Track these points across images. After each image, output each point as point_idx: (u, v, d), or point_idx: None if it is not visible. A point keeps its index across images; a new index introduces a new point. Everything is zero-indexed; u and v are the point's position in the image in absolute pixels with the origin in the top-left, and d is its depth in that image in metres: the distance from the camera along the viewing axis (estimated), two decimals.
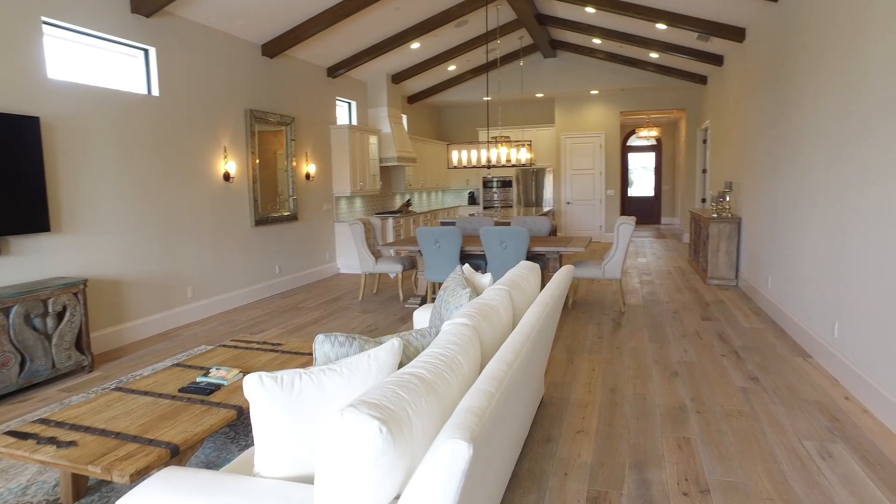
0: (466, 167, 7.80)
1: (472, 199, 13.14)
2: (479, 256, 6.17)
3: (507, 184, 12.35)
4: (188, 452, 2.21)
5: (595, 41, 9.27)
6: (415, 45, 8.44)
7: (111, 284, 4.84)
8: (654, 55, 9.10)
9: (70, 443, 2.16)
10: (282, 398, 1.58)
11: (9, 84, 4.00)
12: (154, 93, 5.30)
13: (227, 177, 6.18)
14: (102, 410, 2.46)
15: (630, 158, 16.10)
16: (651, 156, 15.95)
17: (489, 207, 12.46)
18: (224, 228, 6.20)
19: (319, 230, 8.12)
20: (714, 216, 6.87)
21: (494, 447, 1.68)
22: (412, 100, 11.33)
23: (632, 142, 15.84)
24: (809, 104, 4.37)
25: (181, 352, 4.68)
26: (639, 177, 16.26)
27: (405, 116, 11.04)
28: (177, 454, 2.13)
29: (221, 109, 6.13)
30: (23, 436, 2.23)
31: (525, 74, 10.99)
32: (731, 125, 7.50)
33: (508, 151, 7.58)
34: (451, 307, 2.59)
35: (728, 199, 7.00)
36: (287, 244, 7.35)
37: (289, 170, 7.29)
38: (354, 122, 9.28)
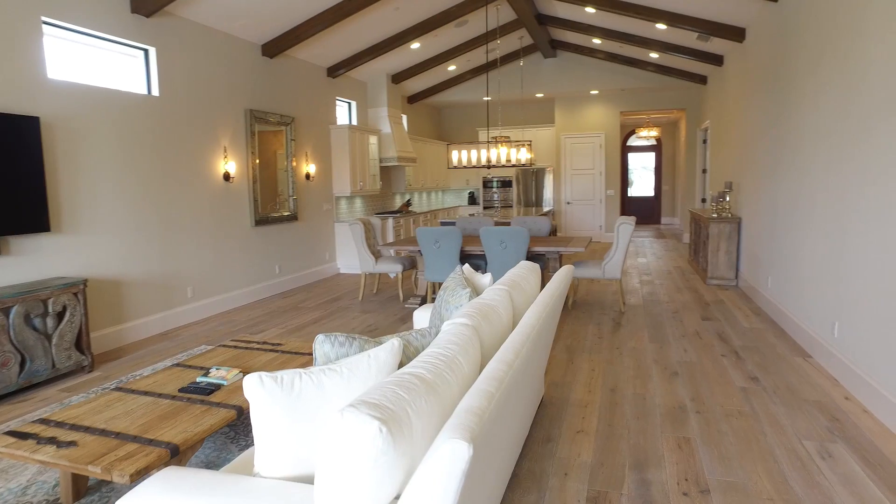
0: (466, 167, 7.80)
1: (472, 199, 13.14)
2: (479, 256, 6.17)
3: (507, 184, 12.35)
4: (188, 452, 2.21)
5: (595, 41, 9.27)
6: (415, 45, 8.44)
7: (111, 284, 4.84)
8: (654, 55, 9.11)
9: (70, 443, 2.16)
10: (282, 398, 1.58)
11: (9, 84, 4.00)
12: (154, 93, 5.30)
13: (227, 177, 6.19)
14: (102, 410, 2.46)
15: (630, 158, 16.10)
16: (651, 156, 15.95)
17: (489, 207, 12.46)
18: (224, 228, 6.20)
19: (319, 230, 8.12)
20: (714, 216, 6.87)
21: (494, 447, 1.68)
22: (412, 100, 11.33)
23: (632, 142, 15.84)
24: (809, 104, 4.37)
25: (181, 352, 4.68)
26: (639, 177, 16.26)
27: (405, 116, 11.04)
28: (177, 454, 2.13)
29: (221, 109, 6.13)
30: (23, 436, 2.23)
31: (525, 74, 10.99)
32: (732, 125, 7.50)
33: (508, 151, 7.58)
34: (451, 307, 2.59)
35: (728, 199, 7.00)
36: (287, 244, 7.35)
37: (289, 170, 7.30)
38: (354, 122, 9.28)
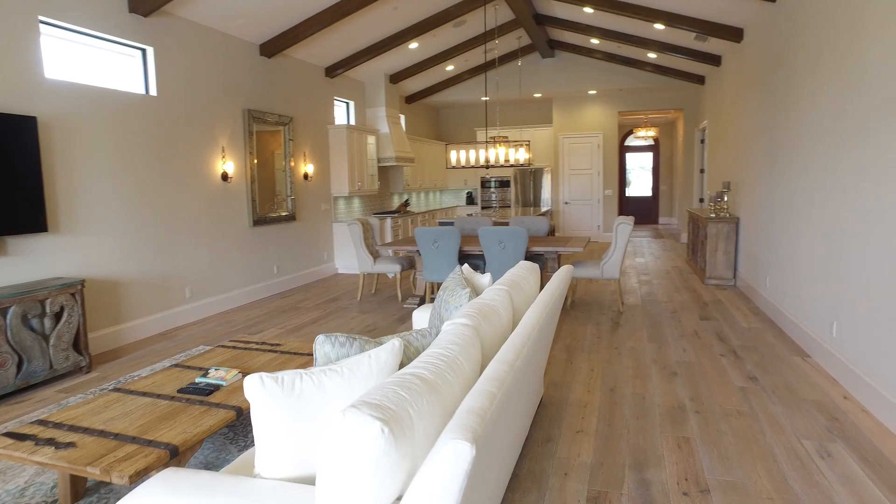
0: (465, 167, 7.79)
1: (471, 200, 13.13)
2: (478, 256, 6.17)
3: (505, 184, 12.35)
4: (187, 453, 2.20)
5: (593, 41, 9.28)
6: (413, 45, 8.44)
7: (109, 285, 4.83)
8: (652, 55, 9.12)
9: (69, 444, 2.15)
10: (283, 399, 1.58)
11: (6, 84, 3.99)
12: (152, 92, 5.28)
13: (225, 177, 6.17)
14: (101, 411, 2.45)
15: (628, 158, 16.12)
16: (649, 156, 15.97)
17: (487, 207, 12.46)
18: (222, 228, 6.19)
19: (317, 230, 8.11)
20: (712, 216, 6.88)
21: (496, 447, 1.67)
22: (410, 100, 11.32)
23: (629, 142, 15.86)
24: (807, 104, 4.38)
25: (179, 352, 4.67)
26: (636, 177, 16.28)
27: (403, 116, 11.03)
28: (176, 455, 2.12)
29: (219, 109, 6.12)
30: (21, 437, 2.22)
31: (523, 74, 11.00)
32: (729, 125, 7.52)
33: (507, 151, 7.58)
34: (451, 307, 2.59)
35: (726, 199, 7.01)
36: (285, 244, 7.34)
37: (287, 170, 7.28)
38: (352, 122, 9.27)
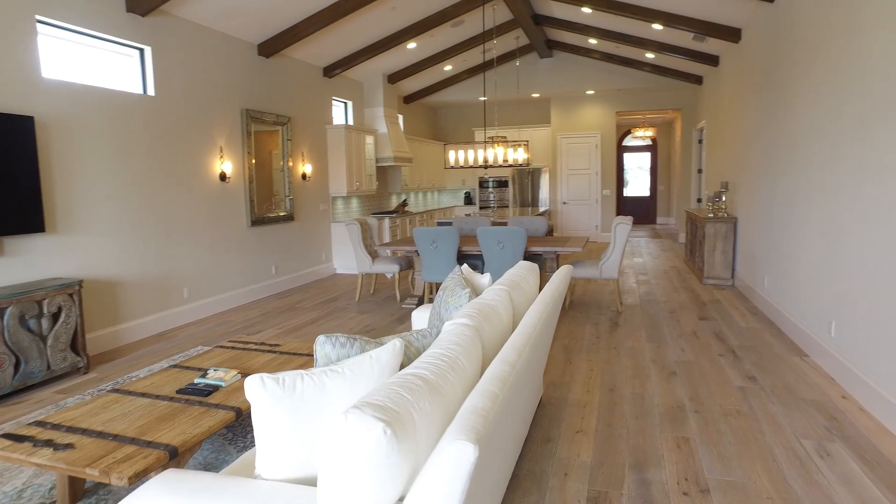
0: (464, 167, 7.79)
1: (469, 200, 13.13)
2: (477, 256, 6.16)
3: (503, 184, 12.35)
4: (187, 454, 2.20)
5: (591, 41, 9.29)
6: (411, 45, 8.43)
7: (107, 285, 4.81)
8: (650, 55, 9.13)
9: (67, 445, 2.14)
10: (284, 400, 1.57)
11: (3, 83, 3.97)
12: (150, 92, 5.27)
13: (224, 177, 6.16)
14: (99, 412, 2.44)
15: (625, 158, 16.14)
16: (646, 156, 15.99)
17: (485, 207, 12.45)
18: (220, 229, 6.17)
19: (316, 230, 8.09)
20: (710, 216, 6.89)
21: (498, 448, 1.67)
22: (408, 100, 11.31)
23: (627, 142, 15.87)
24: (805, 104, 4.39)
25: (178, 353, 4.66)
26: (634, 177, 16.30)
27: (401, 116, 11.03)
28: (175, 456, 2.11)
29: (217, 109, 6.10)
30: (19, 438, 2.21)
31: (521, 74, 11.00)
32: (727, 125, 7.53)
33: (506, 151, 7.58)
34: (451, 307, 2.58)
35: (724, 199, 7.02)
36: (283, 244, 7.33)
37: (285, 170, 7.27)
38: (351, 122, 9.26)
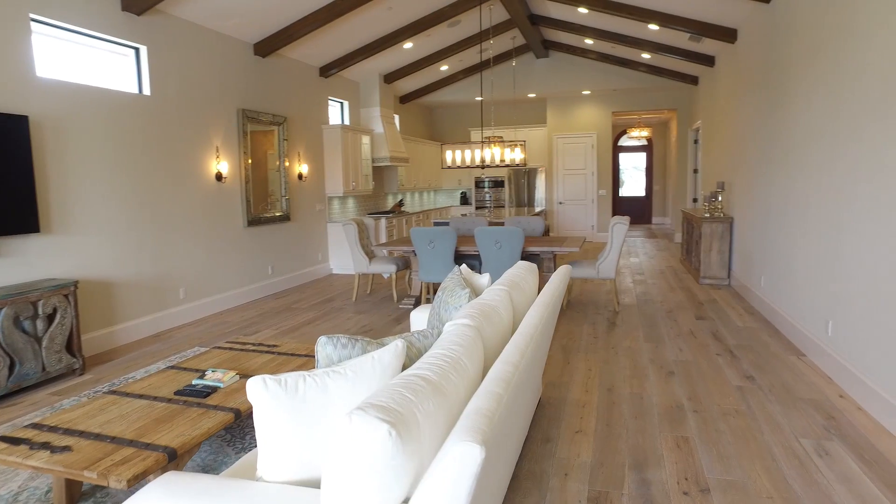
0: (460, 167, 7.78)
1: (465, 200, 13.13)
2: (474, 256, 6.16)
3: (500, 184, 12.35)
4: (186, 456, 2.18)
5: (587, 41, 9.30)
6: (407, 45, 8.42)
7: (102, 286, 4.78)
8: (646, 56, 9.14)
9: (64, 448, 2.12)
10: (286, 401, 1.56)
11: None
12: (145, 92, 5.23)
13: (220, 177, 6.13)
14: (97, 414, 2.42)
15: (621, 158, 16.17)
16: (642, 156, 16.03)
17: (481, 207, 12.45)
18: (216, 229, 6.14)
19: (312, 230, 8.07)
20: (706, 216, 6.90)
21: (502, 449, 1.66)
22: (404, 100, 11.30)
23: (623, 142, 15.90)
24: (801, 104, 4.40)
25: (174, 354, 4.63)
26: (630, 177, 16.34)
27: (397, 116, 11.01)
28: (174, 458, 2.10)
29: (213, 109, 6.07)
30: (15, 441, 2.18)
31: (517, 74, 11.00)
32: (723, 125, 7.55)
33: (502, 151, 7.58)
34: (451, 307, 2.57)
35: (720, 199, 7.04)
36: (280, 245, 7.30)
37: (281, 170, 7.24)
38: (347, 122, 9.24)
